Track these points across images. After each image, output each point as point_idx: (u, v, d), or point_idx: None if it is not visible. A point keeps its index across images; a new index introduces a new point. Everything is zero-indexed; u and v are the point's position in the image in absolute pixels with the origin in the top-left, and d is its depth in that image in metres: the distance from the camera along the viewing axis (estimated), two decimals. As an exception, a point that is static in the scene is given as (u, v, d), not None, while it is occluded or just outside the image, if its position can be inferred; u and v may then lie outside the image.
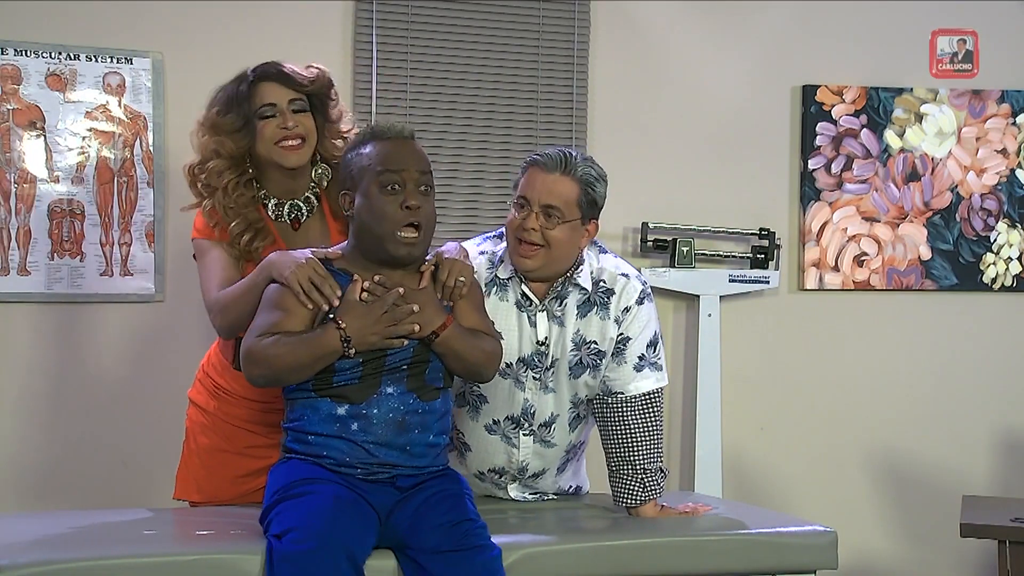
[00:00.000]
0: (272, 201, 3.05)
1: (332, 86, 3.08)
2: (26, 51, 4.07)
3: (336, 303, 2.66)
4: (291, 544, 2.46)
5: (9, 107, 4.06)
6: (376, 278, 2.69)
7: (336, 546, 2.46)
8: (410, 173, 2.69)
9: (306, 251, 2.77)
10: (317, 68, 3.05)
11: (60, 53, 4.10)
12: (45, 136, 4.10)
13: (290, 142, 2.98)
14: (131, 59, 4.17)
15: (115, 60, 4.16)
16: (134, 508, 3.61)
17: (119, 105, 4.17)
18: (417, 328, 2.66)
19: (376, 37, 4.43)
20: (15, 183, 4.07)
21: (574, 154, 3.00)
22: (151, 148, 4.19)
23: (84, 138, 4.13)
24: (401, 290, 2.67)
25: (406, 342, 2.67)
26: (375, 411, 2.66)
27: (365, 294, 2.66)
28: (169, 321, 4.22)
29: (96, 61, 4.14)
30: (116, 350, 4.20)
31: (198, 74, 4.21)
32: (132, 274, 4.18)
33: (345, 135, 3.09)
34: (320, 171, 3.09)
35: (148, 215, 4.18)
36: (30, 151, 4.08)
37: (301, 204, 3.06)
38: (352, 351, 2.62)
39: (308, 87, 3.01)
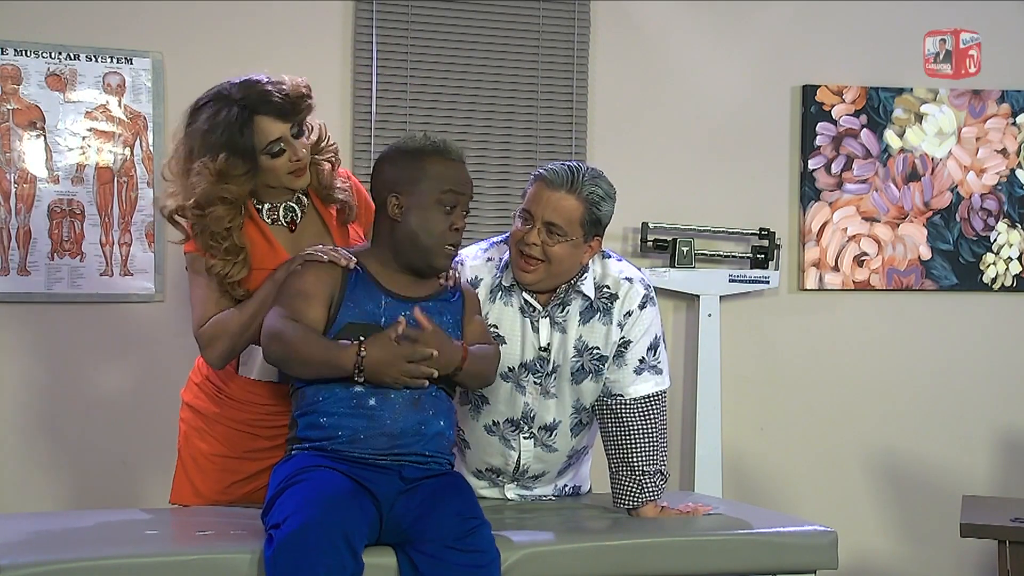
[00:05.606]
0: (265, 206, 3.01)
1: (309, 96, 2.98)
2: (26, 51, 4.07)
3: (352, 265, 2.78)
4: (286, 528, 2.49)
5: (9, 107, 4.07)
6: (416, 312, 2.73)
7: (331, 525, 2.48)
8: (466, 198, 2.85)
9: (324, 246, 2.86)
10: (293, 85, 2.94)
11: (60, 53, 4.10)
12: (45, 136, 4.10)
13: (299, 168, 2.97)
14: (131, 59, 4.17)
15: (115, 60, 4.16)
16: (134, 508, 3.62)
17: (119, 105, 4.17)
18: (436, 373, 2.71)
19: (376, 37, 4.43)
20: (15, 183, 4.07)
21: (583, 171, 2.98)
22: (151, 148, 4.18)
23: (84, 138, 4.13)
24: (435, 352, 2.69)
25: (427, 383, 2.72)
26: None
27: (395, 334, 2.69)
28: (169, 321, 4.22)
29: (96, 61, 4.14)
30: (116, 350, 4.20)
31: (198, 74, 4.20)
32: (132, 274, 4.18)
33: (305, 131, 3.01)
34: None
35: (148, 215, 4.18)
36: (30, 151, 4.08)
37: (294, 205, 3.04)
38: (361, 379, 2.68)
39: (299, 115, 2.95)
